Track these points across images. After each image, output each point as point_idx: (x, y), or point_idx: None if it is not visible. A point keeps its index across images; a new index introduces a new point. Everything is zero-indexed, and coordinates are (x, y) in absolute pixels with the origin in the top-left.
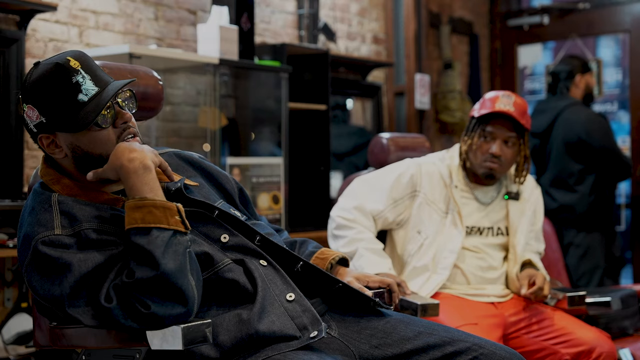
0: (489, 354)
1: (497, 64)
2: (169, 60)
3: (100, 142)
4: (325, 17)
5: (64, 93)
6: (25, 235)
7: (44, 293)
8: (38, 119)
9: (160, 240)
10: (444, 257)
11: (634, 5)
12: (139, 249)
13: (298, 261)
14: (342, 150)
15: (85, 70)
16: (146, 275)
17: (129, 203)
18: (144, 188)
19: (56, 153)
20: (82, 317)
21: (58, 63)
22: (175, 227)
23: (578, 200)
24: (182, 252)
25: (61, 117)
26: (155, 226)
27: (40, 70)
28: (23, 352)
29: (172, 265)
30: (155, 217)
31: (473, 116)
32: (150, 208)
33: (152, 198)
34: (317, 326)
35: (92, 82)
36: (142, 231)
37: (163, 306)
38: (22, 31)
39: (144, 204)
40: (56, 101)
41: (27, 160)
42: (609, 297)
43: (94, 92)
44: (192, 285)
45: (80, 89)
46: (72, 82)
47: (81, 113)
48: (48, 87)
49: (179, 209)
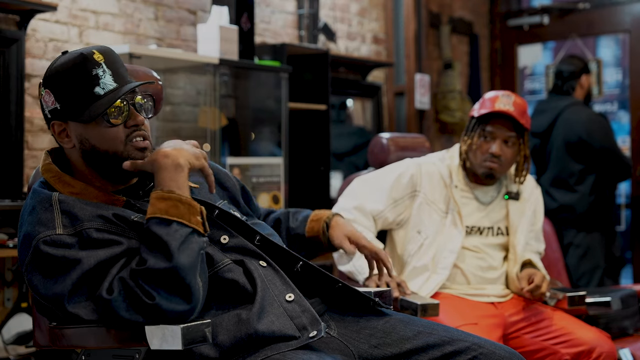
0: (489, 353)
1: (497, 64)
2: (169, 60)
3: (108, 138)
4: (325, 17)
5: (82, 83)
6: (25, 235)
7: (45, 292)
8: (53, 105)
9: (179, 234)
10: (443, 257)
11: (634, 5)
12: (156, 238)
13: (298, 261)
14: (342, 150)
15: (108, 65)
16: (158, 266)
17: (155, 194)
18: (172, 184)
19: (65, 142)
20: (82, 311)
21: (82, 53)
22: (196, 226)
23: (578, 200)
24: (197, 252)
25: (75, 106)
26: (177, 220)
27: (65, 58)
28: (23, 352)
29: (185, 261)
30: (179, 211)
31: (473, 116)
32: (176, 202)
33: (179, 193)
34: (317, 326)
35: (112, 77)
36: (164, 222)
37: (168, 300)
38: (22, 31)
39: (170, 196)
40: (73, 90)
41: (27, 160)
42: (609, 297)
43: (111, 87)
44: (200, 286)
45: (99, 82)
46: (91, 73)
47: (94, 105)
48: (67, 75)
49: (201, 210)
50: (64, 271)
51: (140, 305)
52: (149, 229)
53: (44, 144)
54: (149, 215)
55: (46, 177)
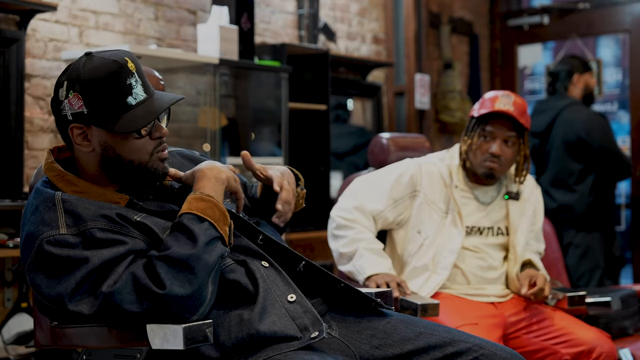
0: (490, 354)
1: (497, 64)
2: (169, 60)
3: (135, 149)
4: (325, 17)
5: (117, 92)
6: (28, 234)
7: (48, 292)
8: (80, 109)
9: (208, 233)
10: (444, 257)
11: (634, 5)
12: (186, 230)
13: (300, 261)
14: (342, 150)
15: (138, 75)
16: (182, 253)
17: (194, 195)
18: (211, 192)
19: (84, 146)
20: (84, 307)
21: (117, 61)
22: (224, 234)
23: (577, 200)
24: (217, 257)
25: (105, 114)
26: (211, 221)
27: (96, 63)
28: (23, 352)
29: (207, 258)
30: (214, 214)
31: (473, 116)
32: (213, 206)
33: (217, 200)
34: (318, 327)
35: (142, 87)
36: (198, 219)
37: (179, 287)
38: (22, 31)
39: (209, 200)
40: (106, 98)
41: (27, 160)
42: (609, 297)
43: (142, 98)
44: (209, 289)
45: (131, 91)
46: (126, 82)
47: (126, 116)
48: (102, 82)
49: (231, 224)
50: (68, 271)
51: (148, 296)
52: (180, 222)
53: (44, 144)
54: (184, 211)
55: (49, 176)
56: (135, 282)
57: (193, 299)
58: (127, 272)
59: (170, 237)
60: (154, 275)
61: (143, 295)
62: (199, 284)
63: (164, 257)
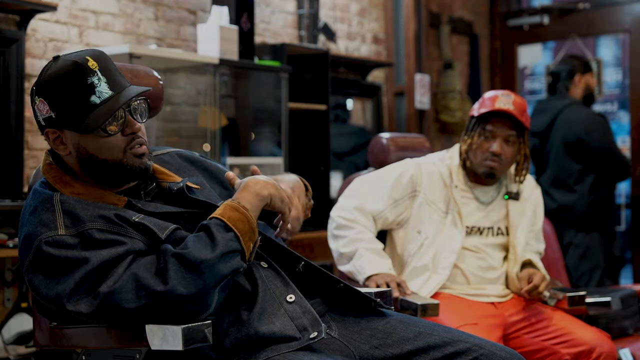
0: (489, 354)
1: (497, 64)
2: (169, 60)
3: (106, 147)
4: (325, 17)
5: (77, 92)
6: (27, 235)
7: (46, 293)
8: (48, 114)
9: (230, 244)
10: (444, 257)
11: (634, 5)
12: (210, 235)
13: (299, 261)
14: (342, 150)
15: (102, 72)
16: (198, 257)
17: (231, 202)
18: (248, 205)
19: (61, 149)
20: (82, 307)
21: (76, 62)
22: (246, 249)
23: (577, 200)
24: (231, 270)
25: (70, 115)
26: (237, 233)
27: (58, 66)
28: (23, 352)
29: (220, 268)
30: (243, 227)
31: (473, 115)
32: (245, 219)
33: (251, 214)
34: (317, 327)
35: (107, 85)
36: (225, 227)
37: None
38: (22, 31)
39: (244, 212)
40: (68, 99)
41: (27, 160)
42: (609, 297)
43: (107, 95)
44: (215, 299)
45: (94, 90)
46: (86, 82)
47: (91, 115)
48: (62, 84)
49: (257, 241)
50: (66, 272)
51: (148, 294)
52: (208, 226)
53: (44, 144)
54: (216, 215)
55: (47, 177)
56: (137, 282)
57: (193, 303)
58: (127, 272)
59: (193, 238)
60: (162, 269)
61: (144, 294)
62: (204, 289)
63: (179, 255)
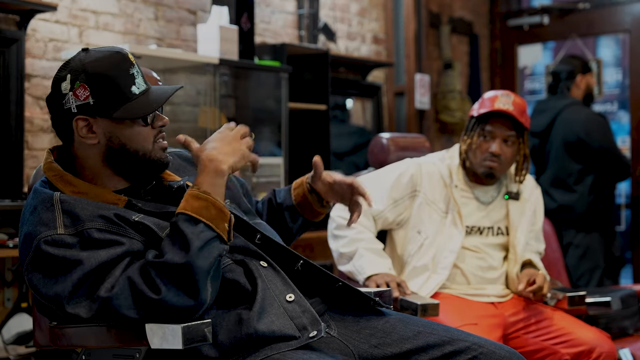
0: (489, 353)
1: (497, 64)
2: (169, 60)
3: (140, 137)
4: (325, 17)
5: (123, 81)
6: (26, 235)
7: (45, 292)
8: (86, 100)
9: (203, 236)
10: (443, 257)
11: (634, 5)
12: (181, 234)
13: (298, 260)
14: (342, 150)
15: (138, 66)
16: (174, 260)
17: (192, 191)
18: (209, 188)
19: (88, 138)
20: (81, 310)
21: (119, 52)
22: (222, 232)
23: (577, 200)
24: (215, 257)
25: (112, 103)
26: (206, 222)
27: (100, 54)
28: (23, 352)
29: (201, 264)
30: (209, 214)
31: (472, 116)
32: (209, 204)
33: (214, 197)
34: (317, 326)
35: (142, 79)
36: (192, 220)
37: (175, 296)
38: (22, 31)
39: (206, 198)
40: (114, 86)
41: (27, 160)
42: (609, 297)
43: (143, 88)
44: (209, 291)
45: (134, 81)
46: (129, 72)
47: (132, 104)
48: (109, 71)
49: (230, 219)
50: (64, 271)
51: (144, 301)
52: (176, 224)
53: (44, 144)
54: (180, 209)
55: (48, 176)
56: (132, 287)
57: (189, 304)
58: (123, 276)
59: (166, 242)
60: (149, 280)
61: (140, 300)
62: (195, 287)
63: (158, 264)
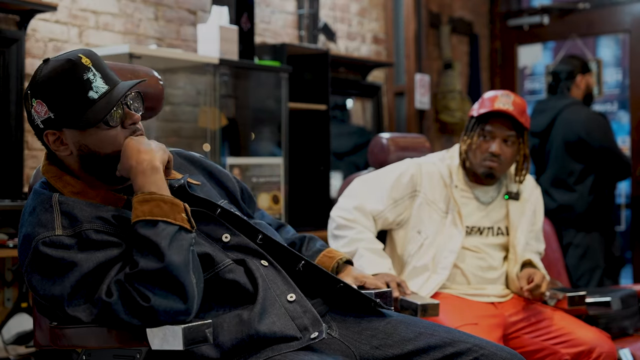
0: (490, 354)
1: (497, 64)
2: (169, 60)
3: (108, 141)
4: (325, 17)
5: (75, 89)
6: (25, 236)
7: (44, 293)
8: (46, 115)
9: (166, 233)
10: (444, 257)
11: (634, 5)
12: (145, 240)
13: (300, 260)
14: (342, 150)
15: (96, 68)
16: (151, 267)
17: (137, 197)
18: (152, 187)
19: (61, 150)
20: (82, 314)
21: (70, 59)
22: (182, 223)
23: (577, 200)
24: (187, 248)
25: (70, 113)
26: (162, 219)
27: (52, 66)
28: (23, 352)
29: (176, 259)
30: (162, 210)
31: (472, 116)
32: (159, 202)
33: (160, 194)
34: (318, 327)
35: (102, 80)
36: (149, 223)
37: (163, 299)
38: (22, 31)
39: (152, 197)
40: (66, 97)
41: (27, 160)
42: (609, 297)
43: (104, 90)
44: (193, 283)
45: (91, 86)
46: (83, 78)
47: (91, 110)
48: (59, 83)
49: (185, 207)
50: (62, 273)
51: (137, 308)
52: (136, 232)
53: None
54: (134, 219)
55: (47, 177)
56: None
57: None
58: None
59: (135, 252)
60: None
61: (134, 309)
62: (180, 284)
63: (137, 275)
